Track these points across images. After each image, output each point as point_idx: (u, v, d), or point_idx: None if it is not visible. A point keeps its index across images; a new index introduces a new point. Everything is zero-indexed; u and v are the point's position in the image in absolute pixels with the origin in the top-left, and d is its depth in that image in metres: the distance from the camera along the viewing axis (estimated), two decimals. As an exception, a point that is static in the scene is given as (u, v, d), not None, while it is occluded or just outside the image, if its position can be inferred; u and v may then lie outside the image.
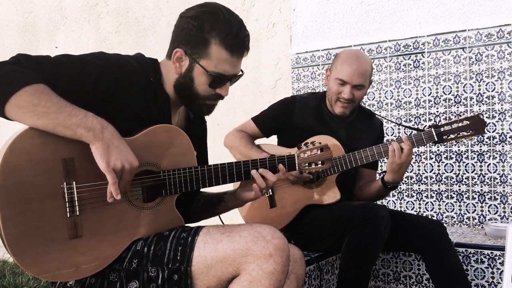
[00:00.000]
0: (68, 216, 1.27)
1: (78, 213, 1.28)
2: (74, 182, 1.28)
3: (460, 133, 2.01)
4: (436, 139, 2.01)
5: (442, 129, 2.01)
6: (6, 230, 1.19)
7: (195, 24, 1.40)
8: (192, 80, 1.44)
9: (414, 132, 2.07)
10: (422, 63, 2.98)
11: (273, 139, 2.43)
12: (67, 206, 1.27)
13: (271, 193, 2.17)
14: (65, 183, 1.27)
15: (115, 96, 1.37)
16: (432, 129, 2.01)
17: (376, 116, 2.38)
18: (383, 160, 3.04)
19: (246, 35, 1.44)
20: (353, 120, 2.28)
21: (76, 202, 1.28)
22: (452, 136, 2.01)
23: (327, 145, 1.59)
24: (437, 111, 2.93)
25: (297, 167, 1.57)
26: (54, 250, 1.26)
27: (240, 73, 1.49)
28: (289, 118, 2.25)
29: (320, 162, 1.57)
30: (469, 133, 2.01)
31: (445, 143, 2.88)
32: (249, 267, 1.29)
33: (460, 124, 2.01)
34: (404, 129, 3.02)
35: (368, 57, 2.24)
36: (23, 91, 1.20)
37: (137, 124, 1.41)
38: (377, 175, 2.46)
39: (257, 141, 2.36)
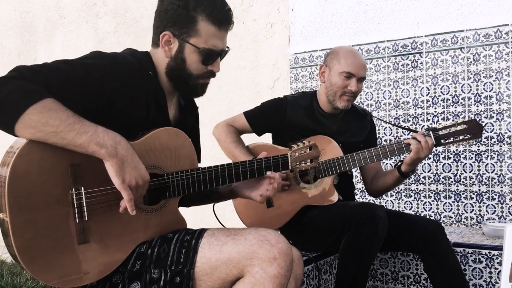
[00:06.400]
0: (77, 221, 1.26)
1: (86, 219, 1.27)
2: (82, 188, 1.27)
3: (458, 137, 2.03)
4: (434, 143, 2.03)
5: (440, 133, 2.04)
6: (17, 238, 1.18)
7: (179, 4, 1.41)
8: (184, 61, 1.45)
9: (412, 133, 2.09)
10: (420, 63, 2.98)
11: (264, 136, 2.43)
12: (76, 212, 1.26)
13: None
14: (73, 189, 1.26)
15: (120, 96, 1.36)
16: (431, 132, 2.04)
17: (360, 108, 2.42)
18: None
19: (229, 8, 1.47)
20: (344, 115, 2.32)
21: (85, 207, 1.27)
22: (449, 139, 2.04)
23: (315, 144, 1.64)
24: (435, 111, 2.93)
25: (290, 166, 1.61)
26: (63, 256, 1.25)
27: (227, 48, 1.50)
28: (281, 119, 2.26)
29: (309, 161, 1.63)
30: (466, 137, 2.03)
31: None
32: (253, 270, 1.29)
33: (457, 128, 2.03)
34: (402, 131, 3.03)
35: None
36: (32, 110, 1.17)
37: (139, 123, 1.41)
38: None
39: (253, 139, 2.37)
